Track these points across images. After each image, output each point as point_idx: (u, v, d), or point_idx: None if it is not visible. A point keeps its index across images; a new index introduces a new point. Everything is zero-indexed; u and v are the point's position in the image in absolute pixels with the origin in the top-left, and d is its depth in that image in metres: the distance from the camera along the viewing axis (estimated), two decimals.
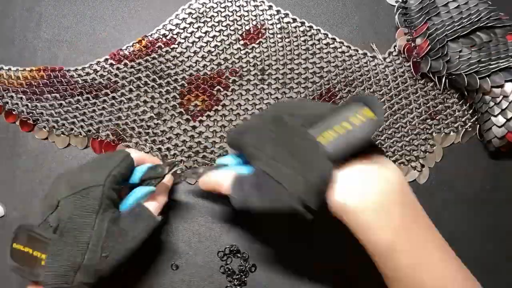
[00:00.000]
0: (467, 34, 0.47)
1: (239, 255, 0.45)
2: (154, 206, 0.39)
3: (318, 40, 0.50)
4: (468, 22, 0.47)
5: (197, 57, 0.49)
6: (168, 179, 0.43)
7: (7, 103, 0.48)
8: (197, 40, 0.49)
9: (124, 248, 0.36)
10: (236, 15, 0.50)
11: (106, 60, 0.48)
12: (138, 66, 0.48)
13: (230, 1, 0.50)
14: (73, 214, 0.35)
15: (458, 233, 0.47)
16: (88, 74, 0.48)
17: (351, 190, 0.32)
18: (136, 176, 0.39)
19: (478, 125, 0.49)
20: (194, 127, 0.48)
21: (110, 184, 0.36)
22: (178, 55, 0.49)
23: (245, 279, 0.45)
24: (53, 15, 0.51)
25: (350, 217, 0.32)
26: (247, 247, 0.46)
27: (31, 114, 0.48)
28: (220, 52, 0.49)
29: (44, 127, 0.48)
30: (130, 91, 0.48)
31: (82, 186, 0.36)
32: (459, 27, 0.47)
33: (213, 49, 0.49)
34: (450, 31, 0.47)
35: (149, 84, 0.48)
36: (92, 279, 0.35)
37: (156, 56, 0.49)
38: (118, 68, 0.48)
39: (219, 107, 0.48)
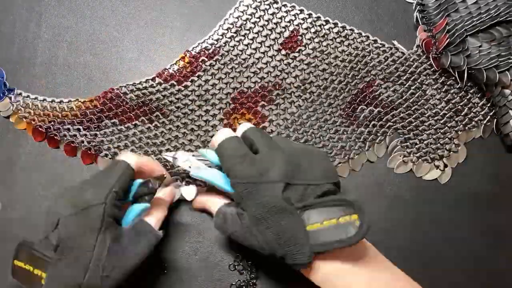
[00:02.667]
0: (486, 28, 0.46)
1: (242, 264, 0.44)
2: (154, 221, 0.39)
3: (353, 39, 0.49)
4: (487, 17, 0.46)
5: (242, 67, 0.48)
6: (167, 194, 0.42)
7: (65, 136, 0.46)
8: (240, 52, 0.48)
9: (125, 266, 0.35)
10: (272, 23, 0.49)
11: (154, 78, 0.47)
12: (184, 89, 0.47)
13: (263, 10, 0.49)
14: (74, 234, 0.34)
15: (472, 232, 0.45)
16: (139, 89, 0.47)
17: (328, 276, 0.35)
18: (130, 193, 0.38)
19: (495, 119, 0.48)
20: None
21: (111, 202, 0.35)
22: (222, 66, 0.48)
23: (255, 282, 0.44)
24: (53, 15, 0.50)
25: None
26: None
27: (92, 144, 0.46)
28: (264, 66, 0.48)
29: (106, 155, 0.46)
30: (178, 118, 0.47)
31: (83, 205, 0.35)
32: (478, 22, 0.46)
33: (256, 61, 0.48)
34: (469, 26, 0.46)
35: (195, 110, 0.47)
36: None
37: (202, 74, 0.47)
38: (165, 88, 0.47)
39: (266, 124, 0.47)
